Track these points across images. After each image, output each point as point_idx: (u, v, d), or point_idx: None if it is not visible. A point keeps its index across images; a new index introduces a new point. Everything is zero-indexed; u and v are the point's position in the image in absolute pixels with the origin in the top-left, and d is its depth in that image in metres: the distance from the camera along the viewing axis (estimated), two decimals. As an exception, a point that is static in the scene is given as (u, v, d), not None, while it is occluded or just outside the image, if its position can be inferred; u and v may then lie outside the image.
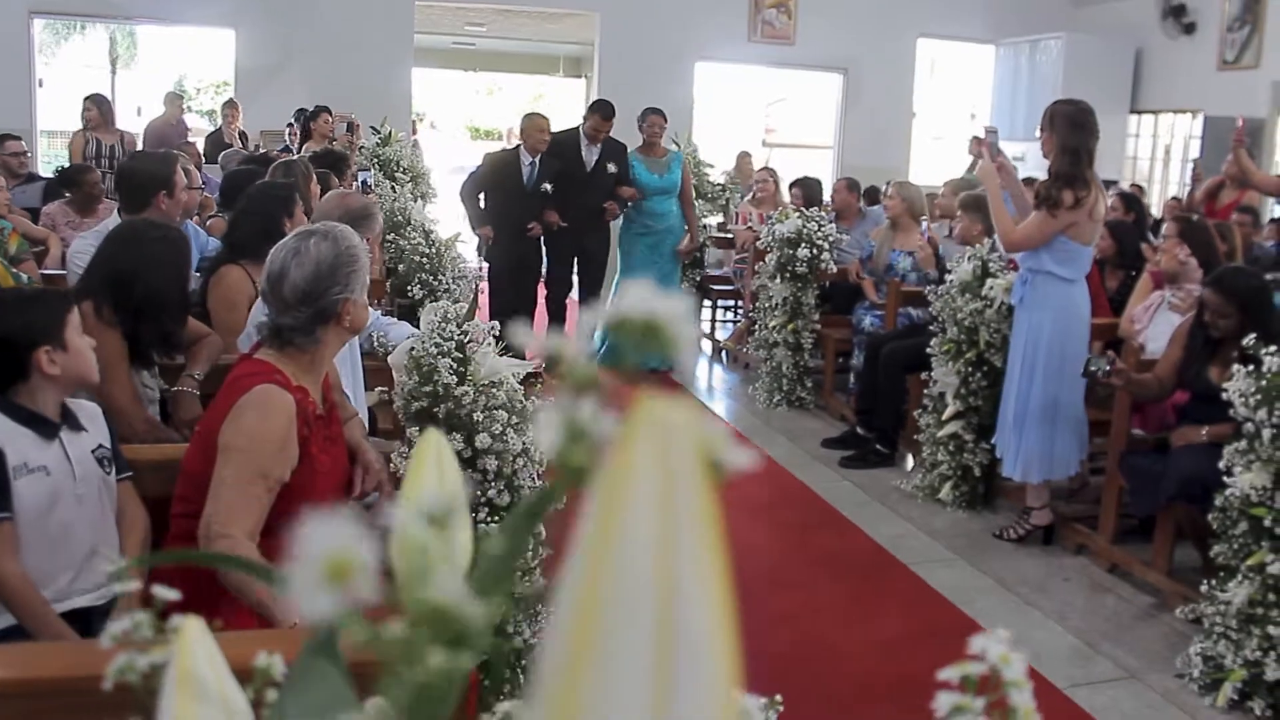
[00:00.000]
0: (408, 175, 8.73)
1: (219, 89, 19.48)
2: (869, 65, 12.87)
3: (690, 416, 0.31)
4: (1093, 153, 4.48)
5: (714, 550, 0.28)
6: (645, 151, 7.89)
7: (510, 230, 7.28)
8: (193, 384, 3.51)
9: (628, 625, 0.27)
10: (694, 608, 0.28)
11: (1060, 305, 4.57)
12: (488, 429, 2.56)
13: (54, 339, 2.43)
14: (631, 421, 0.30)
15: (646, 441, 0.30)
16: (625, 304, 0.36)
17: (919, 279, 6.53)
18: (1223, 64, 10.50)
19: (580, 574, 0.28)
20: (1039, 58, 12.11)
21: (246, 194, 4.66)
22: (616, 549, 0.28)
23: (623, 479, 0.29)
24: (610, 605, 0.27)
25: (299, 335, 2.40)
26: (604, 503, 0.29)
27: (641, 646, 0.27)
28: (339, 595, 0.30)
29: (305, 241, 2.41)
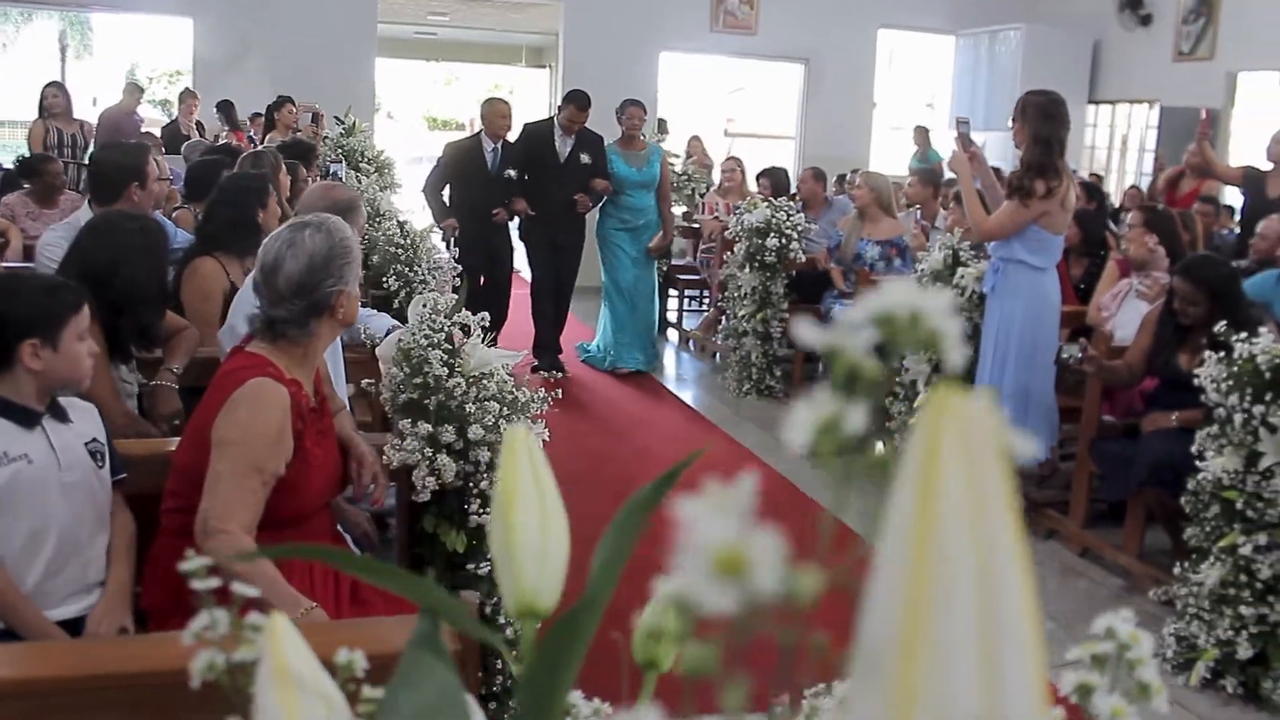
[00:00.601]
0: (373, 166, 8.68)
1: (172, 78, 19.22)
2: (830, 56, 12.93)
3: (983, 407, 0.32)
4: (1064, 143, 4.55)
5: (1017, 536, 0.30)
6: (624, 144, 7.64)
7: (476, 219, 7.14)
8: (171, 378, 3.47)
9: (955, 610, 0.29)
10: (1007, 593, 0.30)
11: (1031, 293, 4.62)
12: (480, 420, 2.56)
13: (45, 335, 2.36)
14: (932, 413, 0.32)
15: (950, 432, 0.31)
16: (889, 300, 0.37)
17: (887, 267, 6.60)
18: (1178, 55, 10.65)
19: (901, 561, 0.30)
20: (998, 48, 12.22)
21: (219, 185, 4.61)
22: (936, 537, 0.30)
23: (933, 469, 0.30)
24: (937, 591, 0.29)
25: (292, 328, 2.39)
26: (918, 491, 0.30)
27: (968, 631, 0.29)
28: (731, 587, 0.31)
29: (299, 233, 2.40)
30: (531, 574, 0.62)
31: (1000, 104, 12.10)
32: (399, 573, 0.63)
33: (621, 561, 0.60)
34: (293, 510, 2.34)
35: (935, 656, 0.28)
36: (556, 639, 0.57)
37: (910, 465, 0.32)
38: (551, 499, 0.65)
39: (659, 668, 0.71)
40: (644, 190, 7.60)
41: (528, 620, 0.61)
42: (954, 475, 0.31)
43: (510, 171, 7.17)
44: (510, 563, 0.62)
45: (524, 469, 0.66)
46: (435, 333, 2.63)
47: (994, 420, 0.32)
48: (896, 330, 0.36)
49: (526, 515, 0.63)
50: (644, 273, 7.69)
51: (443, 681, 0.60)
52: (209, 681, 1.98)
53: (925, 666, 0.28)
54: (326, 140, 9.05)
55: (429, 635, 0.62)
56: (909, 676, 0.28)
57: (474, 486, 2.61)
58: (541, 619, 0.61)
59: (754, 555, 0.31)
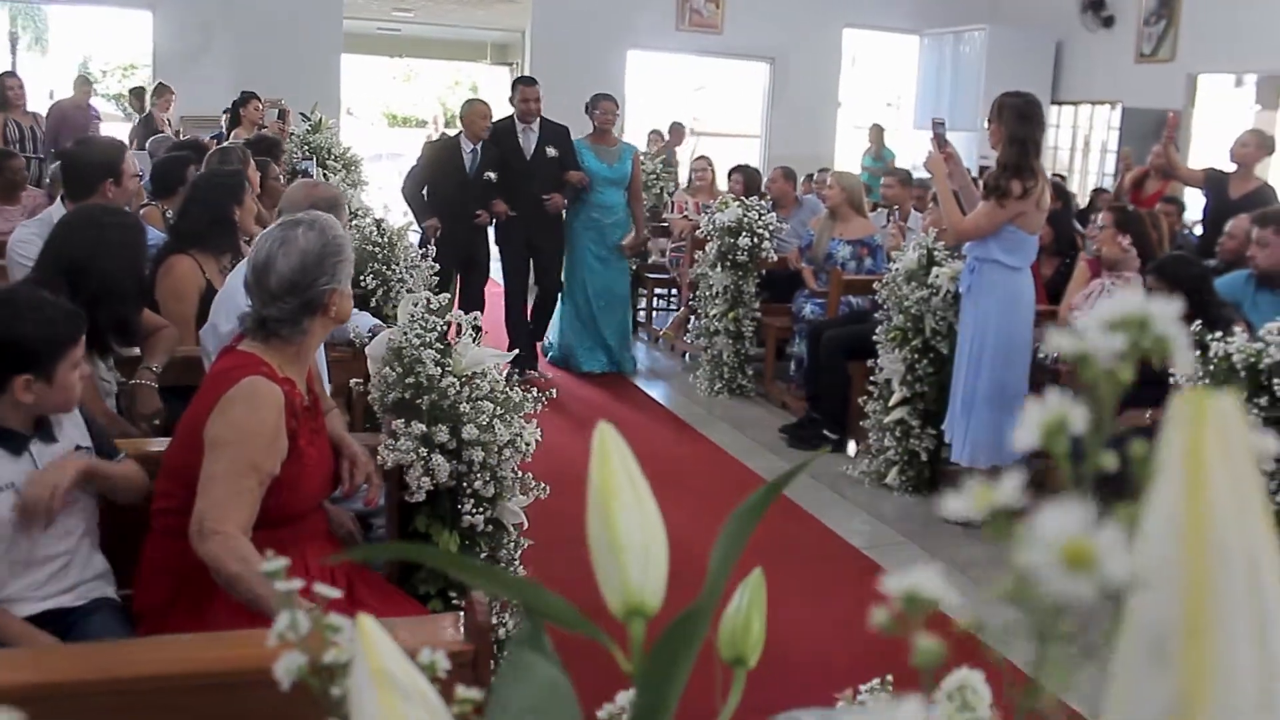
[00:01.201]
0: (340, 163, 8.60)
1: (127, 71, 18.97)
2: (795, 55, 13.01)
3: (1232, 403, 0.33)
4: (1039, 144, 4.62)
5: (1270, 523, 0.31)
6: (596, 139, 7.46)
7: (456, 222, 6.95)
8: (150, 377, 3.43)
9: (1234, 596, 0.31)
10: (1270, 578, 0.32)
11: (1007, 293, 4.67)
12: (474, 420, 2.55)
13: (40, 370, 2.28)
14: (1190, 414, 0.32)
15: (1211, 432, 0.32)
16: (1117, 307, 0.37)
17: (858, 267, 6.63)
18: (1140, 57, 10.80)
19: (1173, 553, 0.31)
20: (962, 48, 12.34)
21: (193, 183, 4.57)
22: (1209, 529, 0.32)
23: (1199, 466, 0.32)
24: (1216, 579, 0.31)
25: (285, 327, 2.36)
26: (1186, 487, 0.32)
27: (1246, 614, 0.31)
28: (1080, 580, 0.31)
29: (292, 231, 2.37)
30: (637, 574, 0.61)
31: (964, 104, 12.23)
32: (506, 576, 0.62)
33: (732, 565, 0.60)
34: (288, 510, 2.32)
35: (1221, 639, 0.30)
36: (672, 640, 0.57)
37: (1172, 463, 0.33)
38: (647, 497, 0.65)
39: (747, 665, 0.71)
40: (614, 187, 7.42)
41: (635, 620, 0.61)
42: (1218, 471, 0.32)
43: (490, 174, 7.01)
44: (615, 564, 0.61)
45: (618, 467, 0.65)
46: (428, 332, 2.61)
47: (1243, 419, 0.33)
48: (1134, 334, 0.37)
49: (627, 514, 0.63)
50: (614, 273, 7.54)
51: (549, 678, 0.60)
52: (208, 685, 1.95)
53: (1213, 648, 0.30)
54: (293, 137, 8.95)
55: (533, 634, 0.62)
56: (1199, 659, 0.30)
57: (467, 487, 2.59)
58: (649, 618, 0.61)
59: (1101, 548, 0.31)
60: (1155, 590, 0.31)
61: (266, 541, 2.21)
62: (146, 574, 2.36)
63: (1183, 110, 10.34)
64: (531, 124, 7.15)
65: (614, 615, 0.62)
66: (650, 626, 0.62)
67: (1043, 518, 0.32)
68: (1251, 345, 3.48)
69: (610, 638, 0.59)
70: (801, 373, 6.74)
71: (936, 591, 0.39)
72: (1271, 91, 13.23)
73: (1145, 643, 0.31)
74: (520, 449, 2.62)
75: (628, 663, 0.59)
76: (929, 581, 0.40)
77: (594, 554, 0.63)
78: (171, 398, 3.55)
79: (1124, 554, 0.31)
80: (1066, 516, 0.32)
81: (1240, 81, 12.70)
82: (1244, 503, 0.32)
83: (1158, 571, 0.32)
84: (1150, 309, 0.37)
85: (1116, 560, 0.31)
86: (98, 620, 2.45)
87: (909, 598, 0.40)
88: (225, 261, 4.14)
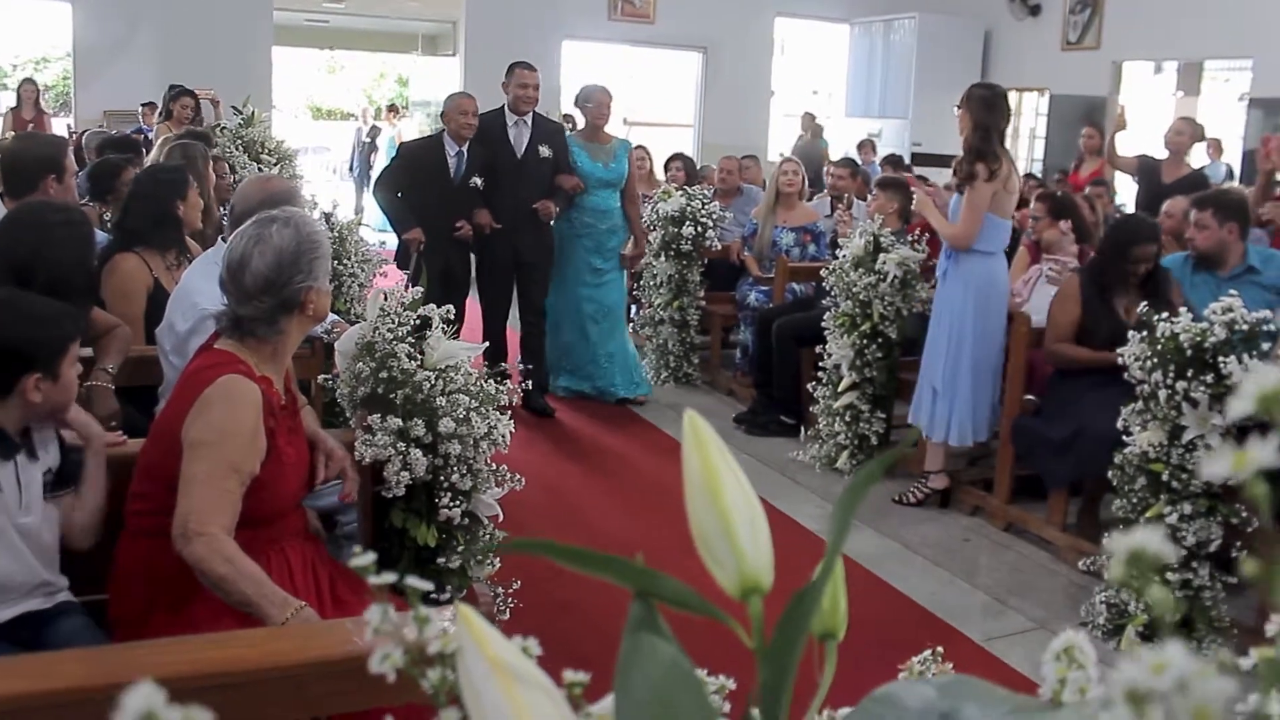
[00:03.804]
0: (274, 157, 8.47)
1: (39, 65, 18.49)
2: (728, 44, 13.07)
3: None
4: (1003, 132, 4.79)
5: None
6: (588, 136, 6.58)
7: (434, 235, 5.98)
8: (106, 378, 3.37)
9: None
10: None
11: (982, 277, 4.81)
12: (450, 413, 2.54)
13: (48, 368, 2.29)
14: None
15: None
16: None
17: (802, 254, 6.70)
18: (1066, 44, 11.03)
19: None
20: (893, 37, 12.49)
21: (136, 179, 4.48)
22: None
23: None
24: None
25: (261, 326, 2.33)
26: None
27: None
28: None
29: (266, 228, 2.34)
30: (750, 554, 0.63)
31: (895, 92, 12.39)
32: (612, 559, 0.63)
33: (843, 539, 0.62)
34: (268, 509, 2.30)
35: None
36: (794, 614, 0.59)
37: None
38: (742, 476, 0.67)
39: (837, 637, 0.73)
40: (609, 189, 6.54)
41: (754, 598, 0.62)
42: None
43: (476, 180, 6.06)
44: (728, 544, 0.63)
45: (715, 452, 0.67)
46: (400, 326, 2.60)
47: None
48: None
49: (732, 494, 0.65)
50: (611, 286, 6.67)
51: (669, 658, 0.61)
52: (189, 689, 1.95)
53: None
54: (224, 130, 8.80)
55: (646, 617, 0.63)
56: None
57: (444, 480, 2.59)
58: (764, 595, 0.63)
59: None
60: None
61: (249, 541, 2.20)
62: (121, 577, 2.32)
63: (1108, 96, 10.58)
64: (525, 117, 6.26)
65: (731, 596, 0.63)
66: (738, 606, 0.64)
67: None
68: (1196, 325, 3.59)
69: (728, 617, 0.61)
70: (748, 360, 6.80)
71: (1161, 550, 0.42)
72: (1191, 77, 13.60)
73: None
74: (496, 441, 2.62)
75: (750, 640, 0.60)
76: (1152, 540, 0.42)
77: (701, 540, 0.64)
78: (127, 399, 3.50)
79: None
80: None
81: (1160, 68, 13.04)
82: None
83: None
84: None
85: None
86: (68, 625, 2.41)
87: (1134, 556, 0.42)
88: (171, 258, 4.08)
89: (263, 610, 2.04)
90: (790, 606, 0.60)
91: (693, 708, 0.61)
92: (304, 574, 2.33)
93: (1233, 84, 13.36)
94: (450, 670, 0.69)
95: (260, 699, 1.68)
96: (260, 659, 1.70)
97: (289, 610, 2.05)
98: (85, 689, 1.56)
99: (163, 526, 2.17)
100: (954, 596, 4.16)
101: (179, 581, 2.20)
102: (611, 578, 0.64)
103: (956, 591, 4.22)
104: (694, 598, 0.62)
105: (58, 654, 2.00)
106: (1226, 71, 13.28)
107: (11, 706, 1.54)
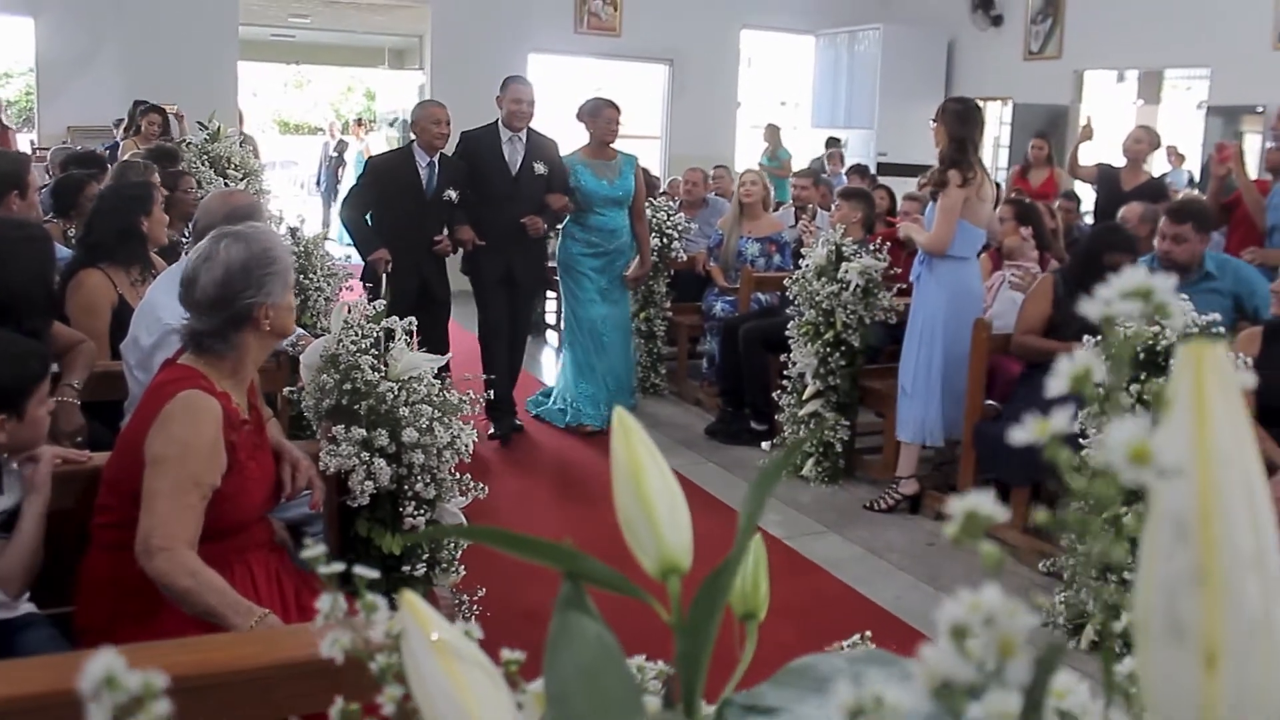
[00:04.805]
0: (240, 173, 8.47)
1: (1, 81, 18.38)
2: (694, 56, 13.14)
3: (1224, 353, 0.43)
4: (977, 143, 4.95)
5: (1253, 445, 0.43)
6: (592, 153, 6.30)
7: (409, 252, 5.74)
8: (72, 393, 3.38)
9: (1234, 490, 0.41)
10: (1256, 477, 0.42)
11: (955, 282, 4.96)
12: (414, 423, 2.58)
13: (16, 410, 2.29)
14: (1193, 359, 0.42)
15: (1210, 372, 0.43)
16: (1132, 280, 0.44)
17: (767, 264, 6.76)
18: (1028, 54, 11.17)
19: (1190, 461, 0.42)
20: (857, 48, 12.60)
21: (100, 195, 4.50)
22: (1214, 443, 0.42)
23: (1203, 398, 0.42)
24: (1220, 478, 0.41)
25: (214, 340, 2.36)
26: (1194, 414, 0.42)
27: (1241, 503, 0.42)
28: (1142, 471, 0.40)
29: (216, 245, 2.37)
30: (669, 536, 0.67)
31: (860, 102, 12.50)
32: (539, 542, 0.68)
33: (756, 522, 0.66)
34: (231, 521, 2.32)
35: (1227, 519, 0.41)
36: (710, 591, 0.64)
37: (1183, 395, 0.43)
38: (667, 470, 0.71)
39: (757, 617, 0.78)
40: (616, 208, 6.30)
41: (672, 578, 0.67)
42: (1217, 399, 0.42)
43: (451, 192, 5.83)
44: (651, 529, 0.67)
45: (639, 446, 0.71)
46: (364, 338, 2.63)
47: (1231, 362, 0.43)
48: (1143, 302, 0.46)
49: (654, 483, 0.69)
50: (616, 308, 6.45)
51: (597, 635, 0.65)
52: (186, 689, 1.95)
53: (1222, 526, 0.41)
54: (190, 145, 8.79)
55: (574, 596, 0.67)
56: (1211, 534, 0.41)
57: (408, 489, 2.62)
58: (683, 575, 0.67)
59: (1156, 449, 0.40)
60: (1177, 487, 0.42)
61: (213, 554, 2.23)
62: (87, 589, 2.33)
63: (1070, 105, 10.73)
64: (520, 133, 6.04)
65: (651, 576, 0.67)
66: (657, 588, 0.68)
67: (1114, 430, 0.41)
68: (1147, 329, 3.67)
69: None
70: (714, 370, 6.85)
71: (993, 510, 0.47)
72: (1152, 86, 13.79)
73: (1169, 527, 0.43)
74: (459, 450, 2.65)
75: (668, 616, 0.65)
76: (986, 503, 0.47)
77: (626, 524, 0.69)
78: (89, 414, 3.51)
79: (1168, 454, 0.40)
80: (1131, 429, 0.41)
81: (1122, 77, 13.22)
82: (1235, 422, 0.42)
83: (1182, 474, 0.42)
84: (1151, 282, 0.45)
85: (1166, 456, 0.40)
86: (33, 637, 2.42)
87: (968, 517, 0.47)
88: (135, 274, 4.09)
89: (227, 619, 2.07)
90: (705, 584, 0.64)
91: (617, 681, 0.65)
92: (268, 585, 2.36)
93: (1193, 92, 13.57)
94: (396, 653, 0.73)
95: (228, 703, 1.70)
96: (228, 662, 1.72)
97: (253, 618, 2.07)
98: (52, 694, 1.58)
99: (127, 539, 2.20)
100: (917, 600, 4.22)
101: (145, 593, 2.22)
102: (541, 559, 0.68)
103: (920, 595, 4.28)
104: (617, 577, 0.66)
105: (25, 660, 2.02)
106: (1187, 80, 13.47)
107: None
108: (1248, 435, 0.42)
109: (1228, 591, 0.40)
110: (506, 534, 0.69)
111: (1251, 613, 0.40)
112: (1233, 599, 0.40)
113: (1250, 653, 0.40)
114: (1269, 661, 0.40)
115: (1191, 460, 0.42)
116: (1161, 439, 0.42)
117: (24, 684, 1.65)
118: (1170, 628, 0.41)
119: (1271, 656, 0.40)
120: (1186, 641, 0.41)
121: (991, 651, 0.42)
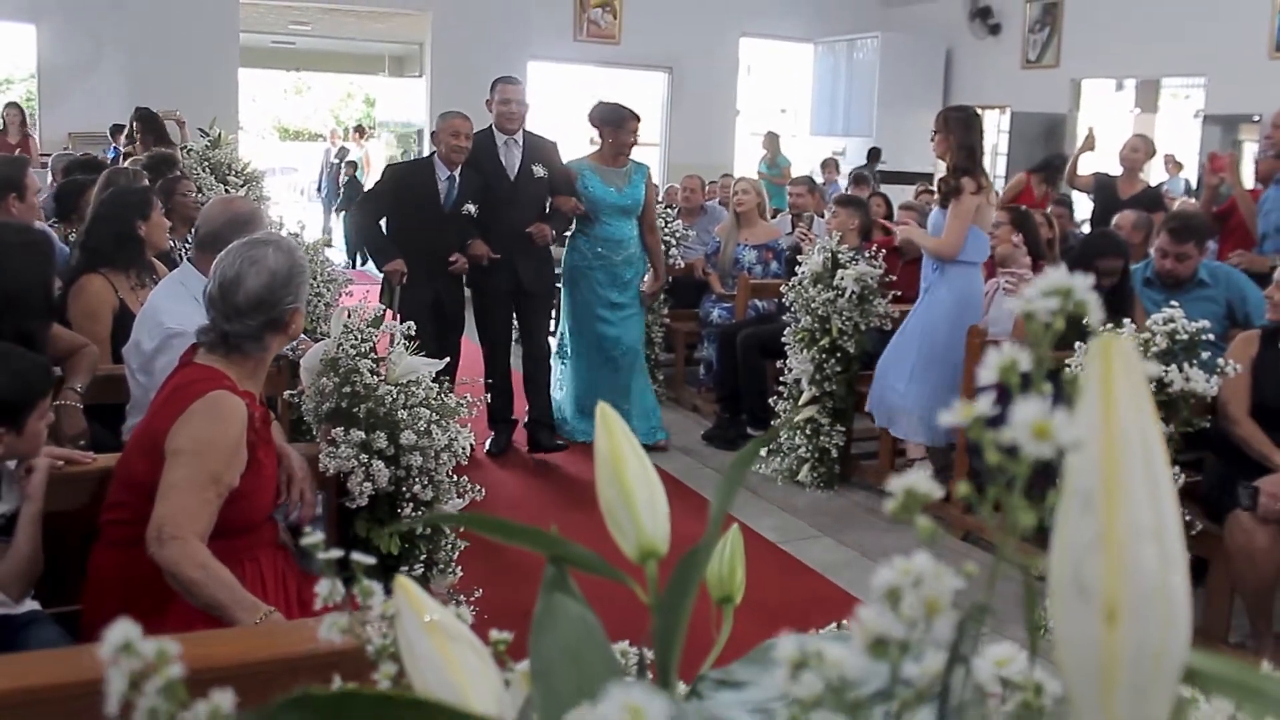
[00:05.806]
0: (241, 179, 8.52)
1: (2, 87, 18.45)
2: (693, 64, 13.21)
3: (1130, 341, 0.46)
4: (983, 150, 5.08)
5: (1156, 423, 0.47)
6: (602, 159, 6.04)
7: (423, 264, 5.53)
8: (75, 397, 3.42)
9: (1134, 466, 0.46)
10: (1156, 456, 0.46)
11: (965, 287, 5.07)
12: (412, 426, 2.62)
13: (16, 424, 2.34)
14: (1103, 348, 0.47)
15: (1117, 359, 0.47)
16: (1054, 281, 0.49)
17: (764, 271, 6.81)
18: (1026, 63, 11.25)
19: (1095, 439, 0.46)
20: (856, 56, 12.68)
21: (99, 200, 4.53)
22: (1118, 423, 0.46)
23: (1109, 382, 0.46)
24: (1123, 455, 0.45)
25: (249, 342, 2.42)
26: (1101, 396, 0.46)
27: (1140, 477, 0.46)
28: (1044, 446, 0.44)
29: (261, 250, 2.44)
30: (648, 523, 0.72)
31: (859, 110, 12.57)
32: (523, 528, 0.72)
33: (728, 508, 0.71)
34: (245, 520, 2.37)
35: (1127, 492, 0.45)
36: (683, 573, 0.68)
37: (1091, 381, 0.47)
38: (646, 461, 0.76)
39: (733, 602, 0.82)
40: (624, 217, 6.02)
41: (650, 562, 0.71)
42: (1123, 385, 0.46)
43: (470, 206, 5.63)
44: (630, 515, 0.72)
45: (621, 439, 0.76)
46: (363, 342, 2.68)
47: (1137, 351, 0.48)
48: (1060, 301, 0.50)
49: (635, 475, 0.74)
50: (629, 323, 6.15)
51: (580, 616, 0.69)
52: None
53: (1122, 499, 0.45)
54: (190, 152, 8.84)
55: (558, 578, 0.72)
56: (1113, 505, 0.45)
57: (406, 491, 2.66)
58: (660, 559, 0.72)
59: (1056, 426, 0.45)
60: (1085, 462, 0.46)
61: (223, 550, 2.27)
62: (96, 586, 2.38)
63: (1067, 114, 10.79)
64: (514, 135, 5.84)
65: (630, 560, 0.72)
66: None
67: (1019, 409, 0.45)
68: (1140, 335, 3.72)
69: (628, 578, 0.69)
70: (711, 376, 6.90)
71: (929, 489, 0.50)
72: (1149, 95, 13.85)
73: (1078, 499, 0.46)
74: (457, 452, 2.70)
75: (646, 597, 0.69)
76: (923, 482, 0.51)
77: (608, 511, 0.74)
78: (91, 417, 3.55)
79: (1067, 431, 0.45)
80: (1034, 409, 0.45)
81: (1121, 86, 13.29)
82: (1138, 405, 0.46)
83: (1087, 450, 0.46)
84: (1071, 282, 0.50)
85: (1065, 433, 0.44)
86: (40, 636, 2.46)
87: (907, 494, 0.51)
88: (134, 278, 4.13)
89: (233, 614, 2.11)
90: (680, 563, 0.68)
91: (599, 659, 0.70)
92: (275, 583, 2.40)
93: (1190, 101, 13.63)
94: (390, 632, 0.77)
95: (235, 695, 1.74)
96: (237, 655, 1.76)
97: (258, 614, 2.11)
98: (61, 685, 1.62)
99: (138, 536, 2.23)
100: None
101: (153, 590, 2.25)
102: (525, 544, 0.72)
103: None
104: (598, 561, 0.70)
105: (33, 653, 2.06)
106: (1184, 89, 13.54)
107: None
108: (1150, 419, 0.47)
109: (1126, 556, 0.44)
110: (492, 520, 0.73)
111: (1149, 578, 0.44)
112: (1131, 563, 0.44)
113: (1149, 615, 0.44)
114: (1167, 623, 0.45)
115: (1097, 439, 0.45)
116: (1071, 420, 0.46)
117: (26, 677, 1.68)
118: (1077, 588, 0.46)
119: (1169, 619, 0.45)
120: (1090, 600, 0.45)
121: (920, 611, 0.46)
